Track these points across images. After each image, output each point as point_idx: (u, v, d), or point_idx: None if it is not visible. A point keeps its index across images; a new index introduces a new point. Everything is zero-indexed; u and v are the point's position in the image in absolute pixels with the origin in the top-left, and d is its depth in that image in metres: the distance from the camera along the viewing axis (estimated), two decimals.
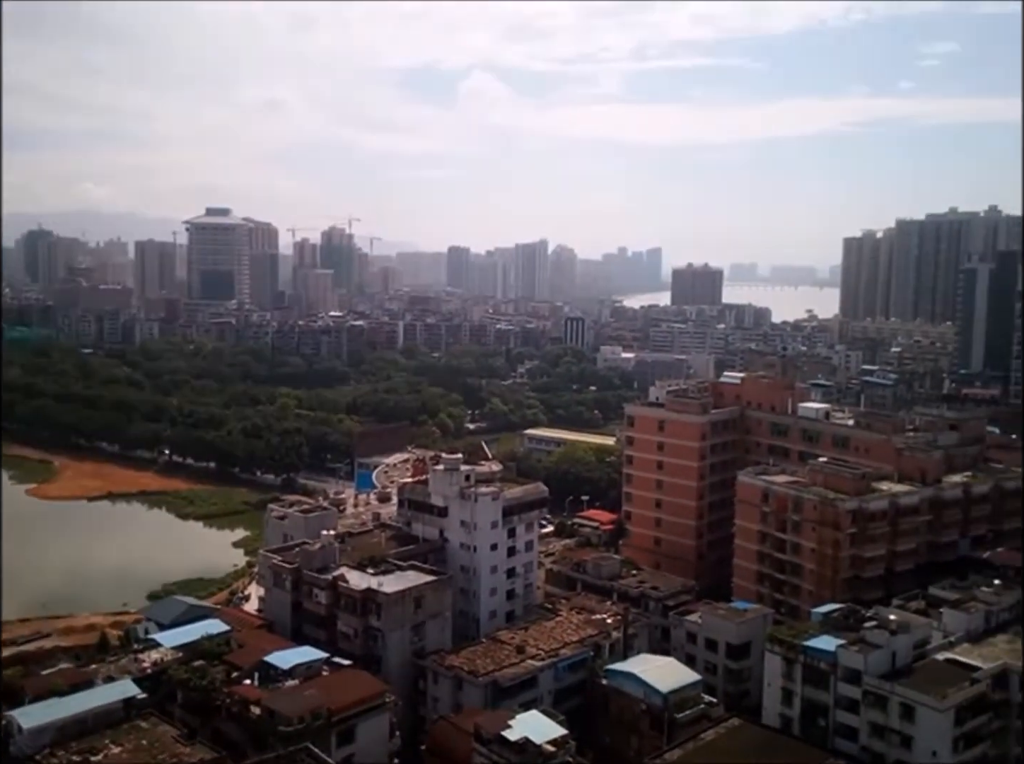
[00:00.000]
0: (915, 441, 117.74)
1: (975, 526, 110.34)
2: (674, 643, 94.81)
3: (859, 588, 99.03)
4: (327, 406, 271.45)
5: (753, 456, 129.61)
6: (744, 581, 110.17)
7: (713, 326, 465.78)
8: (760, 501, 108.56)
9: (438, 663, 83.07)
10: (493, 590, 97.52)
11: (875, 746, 69.98)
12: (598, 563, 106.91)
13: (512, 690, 79.70)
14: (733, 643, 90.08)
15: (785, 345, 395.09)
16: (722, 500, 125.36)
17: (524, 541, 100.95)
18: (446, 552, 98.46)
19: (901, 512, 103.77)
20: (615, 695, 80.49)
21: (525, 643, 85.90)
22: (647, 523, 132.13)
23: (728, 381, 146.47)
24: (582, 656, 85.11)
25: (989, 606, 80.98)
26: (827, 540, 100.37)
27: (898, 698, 68.86)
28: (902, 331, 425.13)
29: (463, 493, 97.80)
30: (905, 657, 72.64)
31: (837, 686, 72.28)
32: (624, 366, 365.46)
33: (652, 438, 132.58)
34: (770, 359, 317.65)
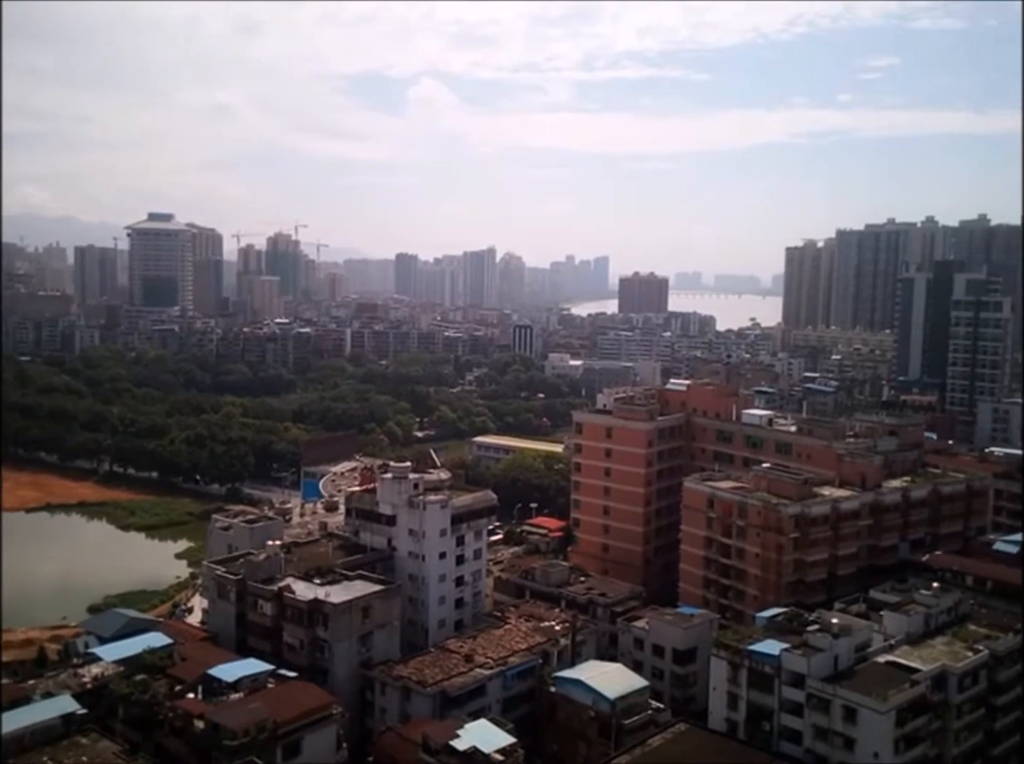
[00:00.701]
0: (855, 447, 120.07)
1: (914, 530, 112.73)
2: (622, 649, 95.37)
3: (802, 592, 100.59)
4: (273, 415, 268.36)
5: (699, 462, 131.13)
6: (690, 586, 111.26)
7: (659, 334, 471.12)
8: (706, 507, 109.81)
9: (386, 673, 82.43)
10: (442, 599, 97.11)
11: (819, 749, 71.01)
12: (546, 570, 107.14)
13: (461, 699, 79.44)
14: (679, 648, 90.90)
15: (729, 353, 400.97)
16: (669, 506, 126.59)
17: (473, 549, 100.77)
18: (394, 561, 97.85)
19: (842, 517, 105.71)
20: (563, 702, 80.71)
21: (474, 652, 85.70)
22: (595, 530, 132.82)
23: (674, 388, 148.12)
24: (531, 664, 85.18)
25: (928, 609, 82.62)
26: (771, 545, 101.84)
27: (841, 701, 69.98)
28: (842, 339, 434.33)
29: (411, 501, 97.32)
30: (847, 660, 73.90)
31: (781, 689, 73.21)
32: (572, 373, 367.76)
33: (600, 445, 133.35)
34: (715, 366, 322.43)
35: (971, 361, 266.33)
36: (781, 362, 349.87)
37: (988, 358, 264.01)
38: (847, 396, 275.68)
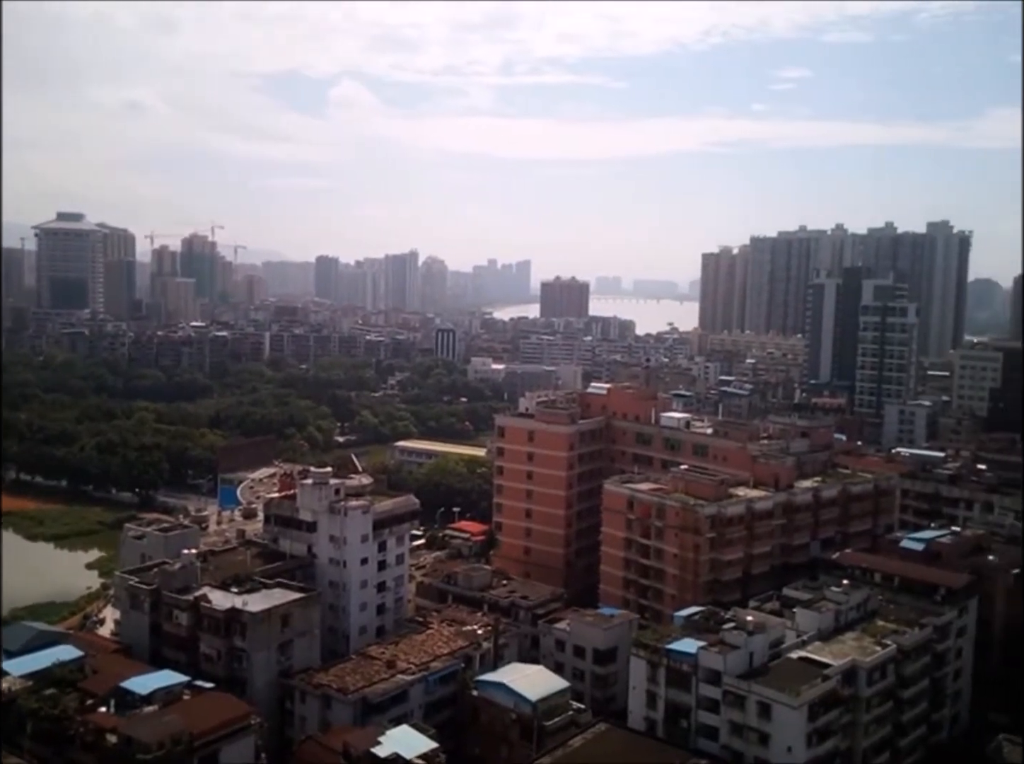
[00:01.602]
0: (769, 448, 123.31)
1: (824, 529, 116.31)
2: (543, 651, 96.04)
3: (718, 591, 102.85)
4: (188, 420, 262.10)
5: (619, 465, 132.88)
6: (610, 587, 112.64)
7: (580, 338, 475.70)
8: (625, 508, 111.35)
9: (306, 682, 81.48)
10: (363, 605, 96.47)
11: (735, 744, 72.65)
12: (469, 574, 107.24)
13: (382, 706, 78.96)
14: (600, 649, 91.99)
15: (648, 357, 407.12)
16: (589, 509, 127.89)
17: (395, 554, 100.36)
18: (315, 568, 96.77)
19: (756, 516, 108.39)
20: (485, 705, 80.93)
21: (396, 658, 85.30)
22: (517, 533, 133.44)
23: (595, 392, 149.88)
24: (453, 668, 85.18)
25: (838, 605, 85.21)
26: (688, 545, 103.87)
27: (755, 697, 71.73)
28: (756, 343, 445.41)
29: (332, 507, 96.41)
30: (762, 656, 75.78)
31: (699, 687, 74.68)
32: (494, 377, 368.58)
33: (522, 448, 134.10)
34: (634, 370, 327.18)
35: (878, 365, 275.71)
36: (698, 366, 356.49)
37: (895, 362, 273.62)
38: (761, 399, 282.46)
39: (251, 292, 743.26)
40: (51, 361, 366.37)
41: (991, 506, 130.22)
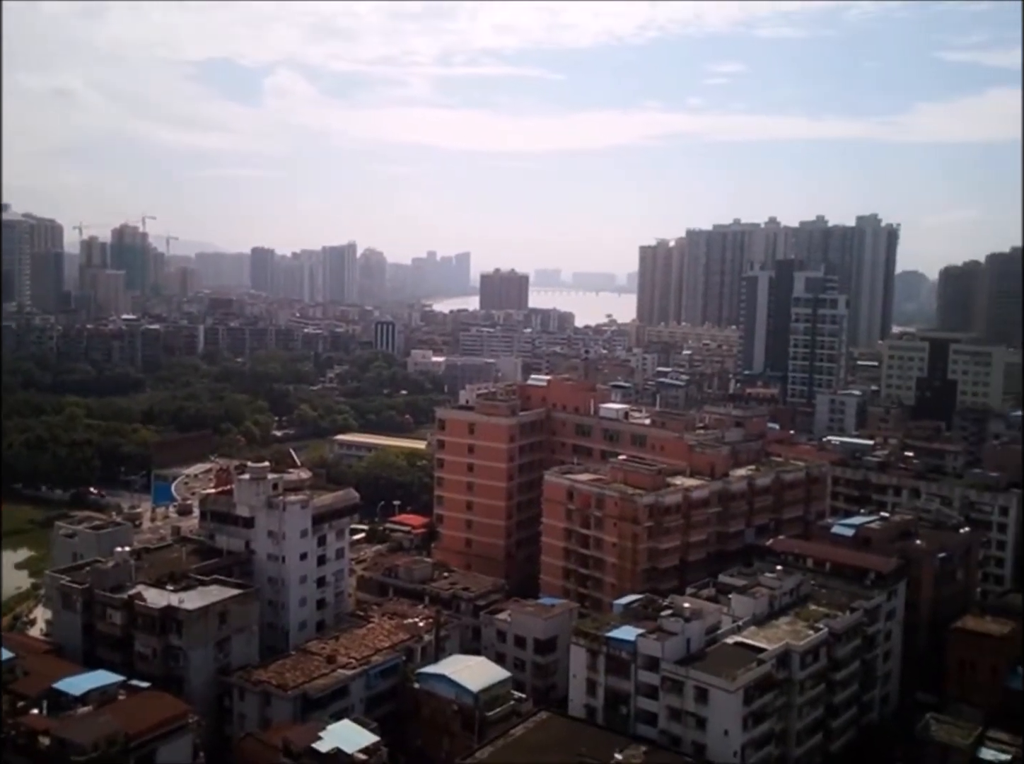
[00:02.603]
0: (705, 438, 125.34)
1: (759, 516, 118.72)
2: (485, 642, 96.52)
3: (656, 579, 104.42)
4: (120, 415, 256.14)
5: (559, 456, 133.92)
6: (551, 577, 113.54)
7: (520, 330, 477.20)
8: (565, 499, 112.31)
9: (244, 679, 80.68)
10: (303, 600, 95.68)
11: (673, 729, 73.91)
12: (410, 567, 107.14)
13: (323, 701, 78.60)
14: (541, 638, 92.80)
15: (587, 348, 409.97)
16: (530, 500, 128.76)
17: (335, 549, 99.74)
18: (252, 564, 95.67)
19: (693, 505, 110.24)
20: (427, 698, 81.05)
21: (336, 652, 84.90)
22: (458, 525, 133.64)
23: (535, 383, 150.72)
24: (394, 661, 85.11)
25: (772, 591, 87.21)
26: (627, 534, 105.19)
27: (693, 682, 73.07)
28: (692, 335, 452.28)
29: (270, 502, 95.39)
30: (698, 642, 77.19)
31: (637, 674, 75.79)
32: (435, 370, 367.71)
33: (462, 441, 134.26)
34: (574, 362, 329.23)
35: (810, 355, 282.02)
36: (636, 357, 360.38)
37: (825, 352, 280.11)
38: (697, 389, 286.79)
39: (184, 284, 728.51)
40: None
41: (918, 492, 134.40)
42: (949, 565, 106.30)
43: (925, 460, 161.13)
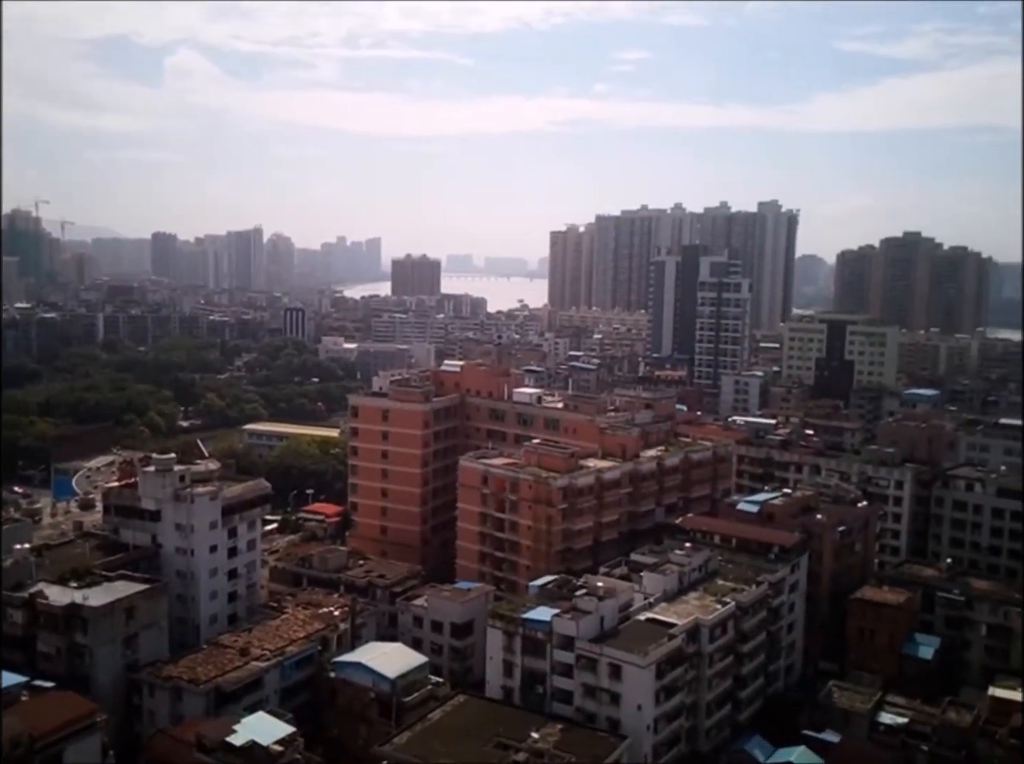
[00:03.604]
0: (616, 420, 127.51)
1: (668, 495, 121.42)
2: (401, 628, 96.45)
3: (571, 559, 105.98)
4: (15, 408, 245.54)
5: (473, 441, 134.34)
6: (467, 562, 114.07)
7: (433, 316, 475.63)
8: (480, 484, 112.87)
9: (154, 675, 78.92)
10: (213, 594, 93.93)
11: (588, 706, 75.31)
12: (324, 556, 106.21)
13: (236, 694, 77.48)
14: (457, 622, 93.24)
15: (500, 334, 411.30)
16: (445, 485, 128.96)
17: (246, 540, 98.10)
18: (160, 558, 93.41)
19: (605, 486, 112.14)
20: (343, 686, 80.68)
21: (249, 645, 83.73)
22: (373, 512, 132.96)
23: (448, 369, 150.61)
24: (309, 651, 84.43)
25: (682, 567, 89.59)
26: (541, 516, 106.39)
27: (607, 659, 74.52)
28: (603, 319, 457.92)
29: (178, 495, 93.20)
30: (612, 620, 78.74)
31: (553, 653, 76.90)
32: (347, 357, 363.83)
33: (376, 428, 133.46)
34: (487, 347, 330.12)
35: (715, 338, 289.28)
36: (548, 342, 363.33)
37: (730, 335, 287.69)
38: (608, 373, 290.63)
39: (81, 271, 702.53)
40: None
41: (819, 469, 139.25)
42: (848, 538, 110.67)
43: (825, 437, 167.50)
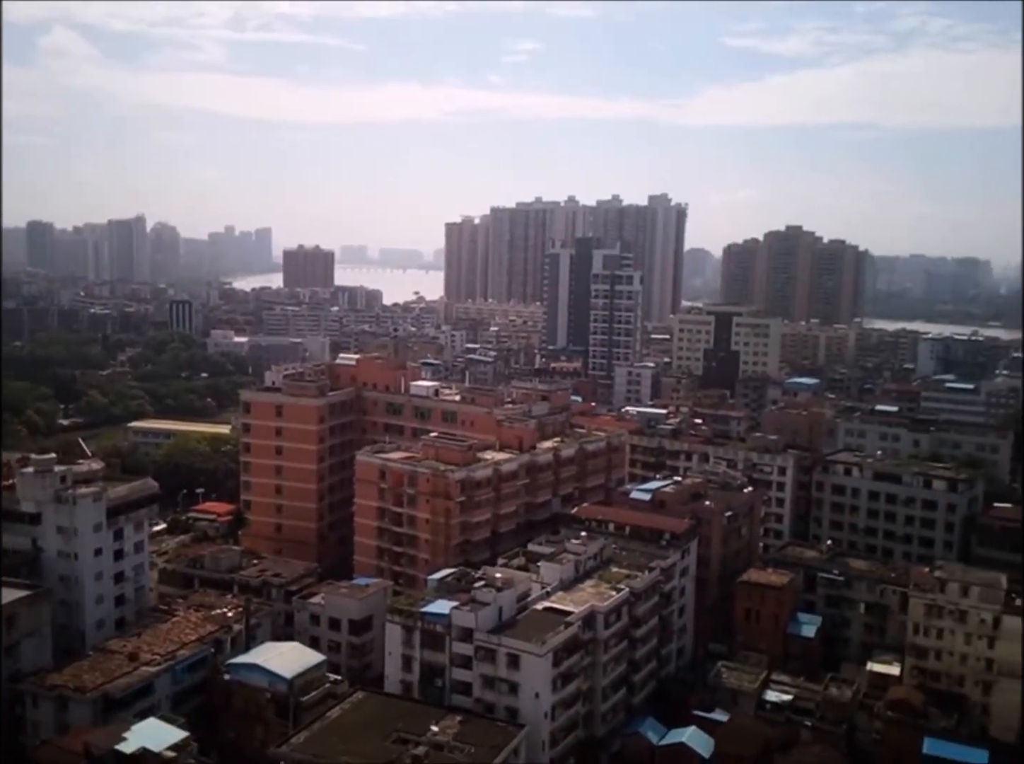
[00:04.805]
0: (513, 413, 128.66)
1: (564, 485, 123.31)
2: (298, 627, 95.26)
3: (469, 551, 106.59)
4: None
5: (370, 435, 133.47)
6: (365, 557, 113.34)
7: (327, 309, 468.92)
8: (378, 478, 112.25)
9: (38, 684, 76.09)
10: (99, 598, 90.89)
11: (487, 697, 75.97)
12: (216, 556, 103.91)
13: (125, 701, 75.47)
14: (355, 619, 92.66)
15: (396, 326, 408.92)
16: (342, 481, 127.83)
17: (133, 542, 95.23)
18: (41, 563, 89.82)
19: (503, 478, 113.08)
20: (238, 688, 79.30)
21: (139, 650, 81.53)
22: (267, 510, 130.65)
23: (344, 363, 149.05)
24: (202, 654, 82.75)
25: (577, 556, 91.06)
26: (439, 510, 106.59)
27: (505, 649, 75.30)
28: (499, 311, 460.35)
29: (59, 496, 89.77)
30: (510, 610, 79.59)
31: (452, 645, 77.32)
32: (237, 351, 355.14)
33: (270, 424, 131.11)
34: (383, 340, 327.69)
35: (608, 330, 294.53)
36: (445, 334, 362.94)
37: (623, 327, 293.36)
38: (504, 365, 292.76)
39: None
40: None
41: (707, 456, 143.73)
42: (735, 523, 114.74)
43: (713, 426, 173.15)
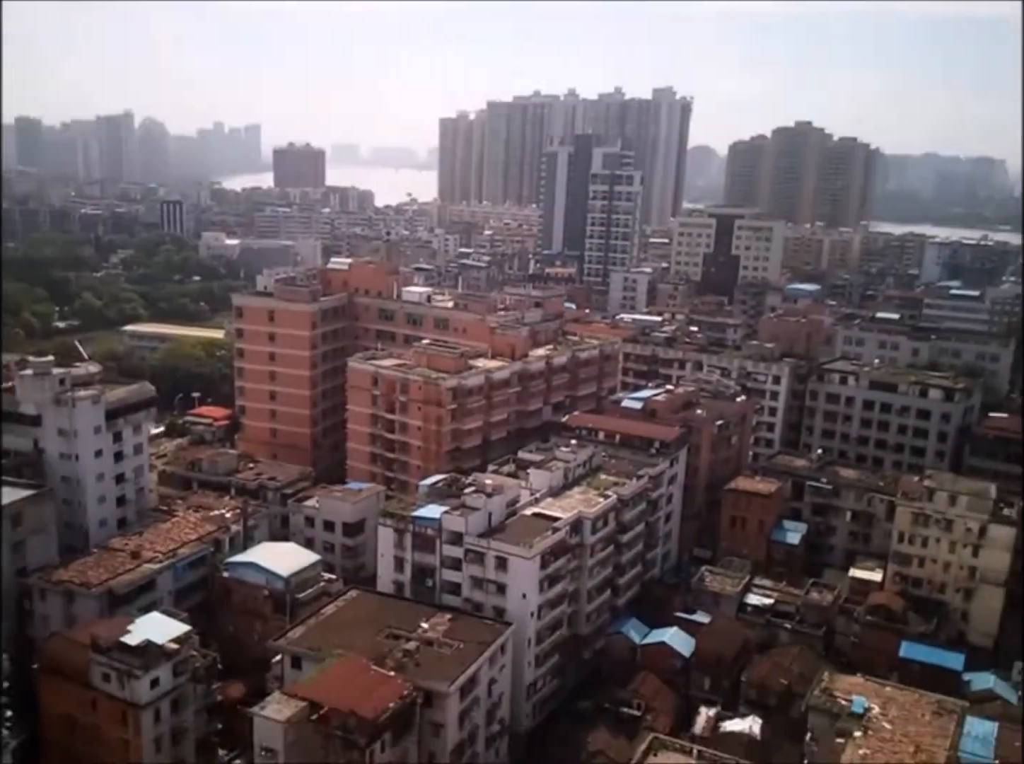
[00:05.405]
0: (506, 320, 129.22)
1: (556, 393, 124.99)
2: (294, 529, 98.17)
3: (460, 458, 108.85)
4: None
5: (363, 342, 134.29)
6: (358, 463, 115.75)
7: (318, 210, 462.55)
8: (370, 385, 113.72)
9: (44, 580, 78.87)
10: (101, 498, 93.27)
11: (476, 597, 78.97)
12: (214, 460, 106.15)
13: (129, 596, 78.41)
14: (349, 522, 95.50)
15: (389, 229, 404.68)
16: (334, 387, 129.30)
17: (132, 444, 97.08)
18: (44, 464, 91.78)
19: (494, 386, 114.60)
20: (237, 585, 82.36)
21: (140, 548, 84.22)
22: (262, 415, 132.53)
23: (336, 268, 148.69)
24: (202, 553, 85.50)
25: (567, 464, 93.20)
26: (431, 417, 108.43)
27: (494, 552, 77.94)
28: (494, 214, 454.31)
29: (58, 399, 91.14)
30: (499, 516, 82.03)
31: (442, 548, 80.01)
32: (229, 254, 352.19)
33: (262, 329, 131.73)
34: (375, 244, 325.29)
35: (606, 233, 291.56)
36: (438, 238, 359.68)
37: (620, 230, 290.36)
38: (498, 270, 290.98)
39: None
40: None
41: (701, 365, 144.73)
42: (726, 432, 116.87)
43: (708, 334, 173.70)
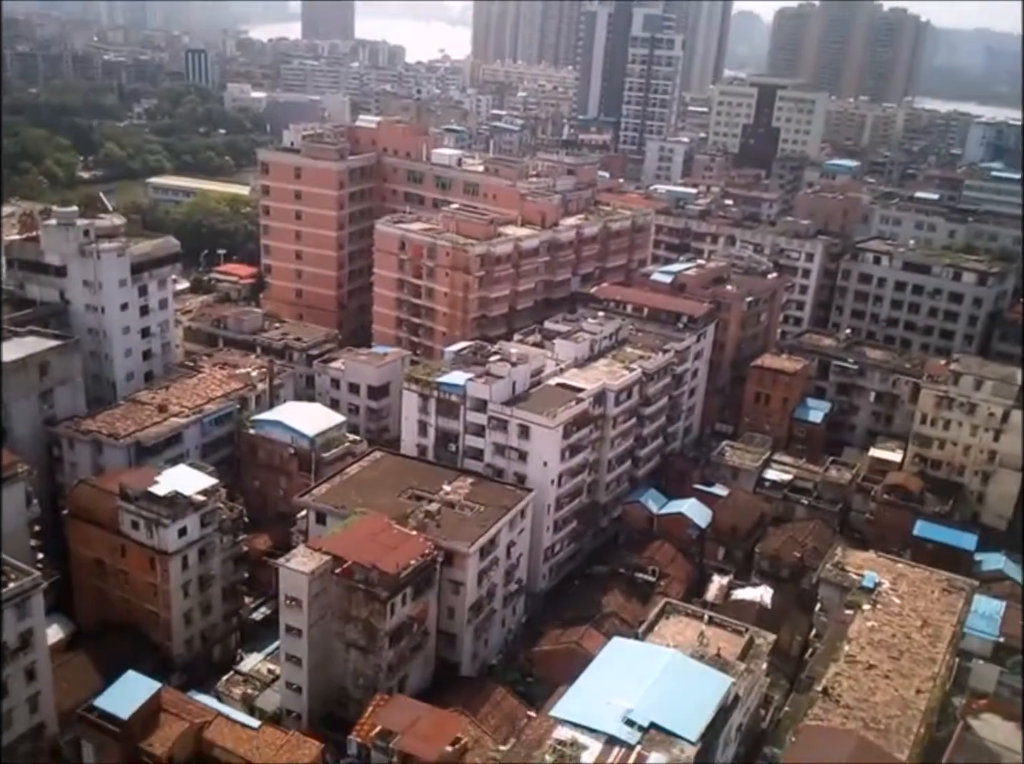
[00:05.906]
0: (537, 187, 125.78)
1: (585, 264, 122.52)
2: (319, 390, 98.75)
3: (486, 326, 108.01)
4: None
5: (390, 204, 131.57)
6: (383, 327, 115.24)
7: (347, 64, 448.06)
8: (397, 249, 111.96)
9: (73, 429, 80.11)
10: (127, 351, 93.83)
11: (497, 463, 79.67)
12: (239, 318, 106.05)
13: (157, 448, 79.60)
14: (374, 385, 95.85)
15: (419, 87, 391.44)
16: (361, 250, 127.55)
17: (157, 299, 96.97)
18: (69, 315, 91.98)
19: (523, 254, 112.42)
20: (263, 442, 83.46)
21: (167, 402, 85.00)
22: (288, 275, 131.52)
23: (364, 126, 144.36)
24: (227, 409, 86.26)
25: (593, 336, 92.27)
26: (458, 283, 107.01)
27: (517, 420, 78.17)
28: (528, 75, 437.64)
29: (83, 250, 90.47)
30: (523, 385, 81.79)
31: (466, 414, 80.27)
32: (255, 107, 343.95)
33: (289, 186, 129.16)
34: (405, 103, 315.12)
35: (644, 99, 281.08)
36: (470, 98, 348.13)
37: (659, 97, 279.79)
38: (531, 135, 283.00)
39: None
40: None
41: (734, 240, 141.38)
42: (755, 309, 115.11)
43: (743, 208, 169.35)
